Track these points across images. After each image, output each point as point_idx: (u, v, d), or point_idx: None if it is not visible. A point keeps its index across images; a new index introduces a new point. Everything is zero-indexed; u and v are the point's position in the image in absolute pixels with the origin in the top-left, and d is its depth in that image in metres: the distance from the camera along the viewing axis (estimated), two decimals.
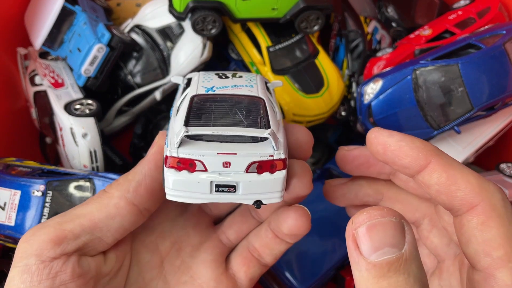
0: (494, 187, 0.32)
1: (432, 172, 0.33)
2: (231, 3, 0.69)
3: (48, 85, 0.72)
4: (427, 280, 0.27)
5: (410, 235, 0.27)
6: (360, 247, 0.27)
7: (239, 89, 0.39)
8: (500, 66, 0.63)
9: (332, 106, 0.77)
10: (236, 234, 0.46)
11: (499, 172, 0.73)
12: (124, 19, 0.82)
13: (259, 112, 0.36)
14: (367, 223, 0.27)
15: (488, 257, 0.29)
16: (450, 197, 0.32)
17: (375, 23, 0.85)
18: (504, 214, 0.30)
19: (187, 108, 0.36)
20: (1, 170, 0.62)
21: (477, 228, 0.30)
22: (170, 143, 0.34)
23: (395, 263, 0.26)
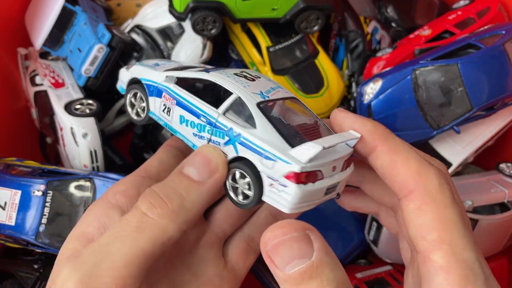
0: (433, 172, 0.33)
1: (377, 156, 0.35)
2: (231, 3, 0.69)
3: (49, 85, 0.72)
4: (345, 277, 0.29)
5: (318, 242, 0.29)
6: (274, 262, 0.29)
7: (278, 92, 0.40)
8: (500, 66, 0.63)
9: (332, 106, 0.77)
10: (232, 227, 0.45)
11: (498, 172, 0.73)
12: (125, 19, 0.82)
13: (313, 114, 0.40)
14: (273, 242, 0.29)
15: (424, 240, 0.31)
16: (392, 182, 0.34)
17: (375, 23, 0.85)
18: (440, 199, 0.32)
19: (267, 119, 0.35)
20: (2, 170, 0.62)
21: (414, 213, 0.32)
22: (276, 158, 0.33)
23: (307, 271, 0.28)
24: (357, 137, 0.36)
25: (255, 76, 0.41)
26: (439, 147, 0.73)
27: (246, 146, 0.35)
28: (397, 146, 0.35)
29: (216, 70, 0.42)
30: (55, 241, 0.57)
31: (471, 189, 0.68)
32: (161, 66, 0.45)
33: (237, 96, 0.36)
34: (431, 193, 0.32)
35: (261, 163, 0.34)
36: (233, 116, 0.37)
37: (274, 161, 0.33)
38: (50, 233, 0.57)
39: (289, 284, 0.29)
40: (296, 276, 0.28)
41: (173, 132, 0.41)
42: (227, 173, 0.37)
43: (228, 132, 0.36)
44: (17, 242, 0.59)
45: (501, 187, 0.68)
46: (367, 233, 0.75)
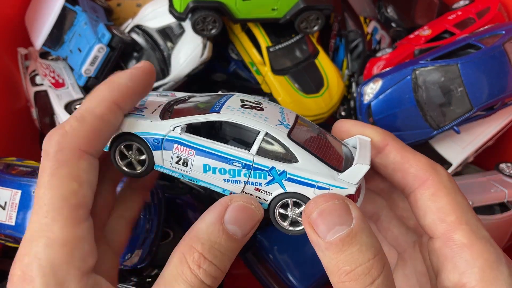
0: (440, 166, 0.37)
1: (389, 153, 0.38)
2: (231, 3, 0.69)
3: (49, 85, 0.72)
4: (379, 244, 0.32)
5: (355, 211, 0.32)
6: (316, 230, 0.32)
7: (287, 115, 0.40)
8: (500, 66, 0.63)
9: (332, 106, 0.77)
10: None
11: (498, 172, 0.73)
12: (125, 19, 0.82)
13: (314, 125, 0.42)
14: (316, 210, 0.32)
15: (444, 223, 0.34)
16: (404, 174, 0.37)
17: (374, 23, 0.85)
18: (451, 186, 0.35)
19: (304, 150, 0.35)
20: (2, 169, 0.62)
21: (430, 199, 0.35)
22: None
23: (347, 238, 0.30)
24: (369, 141, 0.39)
25: (257, 102, 0.39)
26: (439, 147, 0.73)
27: (294, 181, 0.35)
28: (405, 146, 0.38)
29: (195, 97, 0.41)
30: None
31: (471, 189, 0.68)
32: (148, 111, 0.40)
33: (265, 132, 0.36)
34: (442, 181, 0.35)
35: (314, 194, 0.35)
36: (268, 153, 0.36)
37: (328, 190, 0.34)
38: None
39: (330, 251, 0.31)
40: (337, 242, 0.30)
41: (193, 181, 0.38)
42: (277, 202, 0.37)
43: (270, 172, 0.35)
44: (17, 242, 0.59)
45: (501, 187, 0.68)
46: None
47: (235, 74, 0.85)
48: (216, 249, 0.33)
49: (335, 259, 0.31)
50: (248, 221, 0.35)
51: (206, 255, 0.33)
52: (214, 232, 0.33)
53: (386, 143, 0.38)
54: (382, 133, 0.39)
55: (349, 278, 0.30)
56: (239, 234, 0.34)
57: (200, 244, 0.33)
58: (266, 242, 0.74)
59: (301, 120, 0.40)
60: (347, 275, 0.30)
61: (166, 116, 0.38)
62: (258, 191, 0.36)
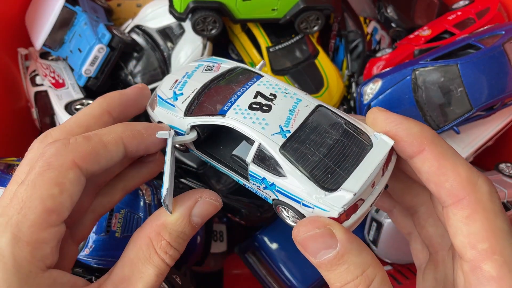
0: (483, 180, 0.33)
1: (424, 160, 0.34)
2: (231, 4, 0.69)
3: (49, 85, 0.72)
4: (371, 259, 0.32)
5: (340, 234, 0.32)
6: (306, 251, 0.33)
7: (298, 112, 0.38)
8: (499, 67, 0.63)
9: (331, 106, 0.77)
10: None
11: (498, 172, 0.73)
12: (125, 19, 0.82)
13: (341, 116, 0.40)
14: (301, 237, 0.33)
15: (474, 249, 0.31)
16: (439, 187, 0.33)
17: (374, 24, 0.85)
18: (490, 207, 0.32)
19: (294, 166, 0.35)
20: (2, 170, 0.62)
21: (462, 222, 0.32)
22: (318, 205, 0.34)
23: (334, 259, 0.32)
24: (391, 145, 0.35)
25: (271, 97, 0.39)
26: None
27: (283, 194, 0.36)
28: (445, 151, 0.34)
29: (235, 81, 0.41)
30: None
31: None
32: (180, 99, 0.42)
33: (259, 143, 0.36)
34: (481, 201, 0.32)
35: (301, 208, 0.35)
36: (261, 163, 0.36)
37: (312, 209, 0.34)
38: None
39: (321, 270, 0.33)
40: (326, 263, 0.32)
41: (215, 167, 0.42)
42: (275, 204, 0.38)
43: (262, 181, 0.37)
44: None
45: (501, 187, 0.68)
46: (366, 233, 0.75)
47: None
48: (181, 237, 0.37)
49: (327, 276, 0.33)
50: (210, 214, 0.39)
51: (172, 244, 0.37)
52: (182, 224, 0.37)
53: (423, 148, 0.34)
54: (420, 135, 0.34)
55: None
56: (200, 223, 0.38)
57: (168, 233, 0.37)
58: (266, 242, 0.74)
59: (322, 111, 0.38)
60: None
61: (191, 109, 0.41)
62: (260, 190, 0.39)
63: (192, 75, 0.45)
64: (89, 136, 0.36)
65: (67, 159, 0.34)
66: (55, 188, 0.33)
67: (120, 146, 0.37)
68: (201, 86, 0.43)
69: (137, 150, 0.39)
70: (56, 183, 0.33)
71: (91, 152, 0.35)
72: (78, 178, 0.35)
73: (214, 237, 0.81)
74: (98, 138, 0.36)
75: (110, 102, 0.41)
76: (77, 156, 0.35)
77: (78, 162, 0.35)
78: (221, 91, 0.42)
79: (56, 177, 0.33)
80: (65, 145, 0.35)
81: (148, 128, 0.39)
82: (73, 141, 0.36)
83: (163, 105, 0.42)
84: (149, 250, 0.36)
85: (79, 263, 0.58)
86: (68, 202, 0.34)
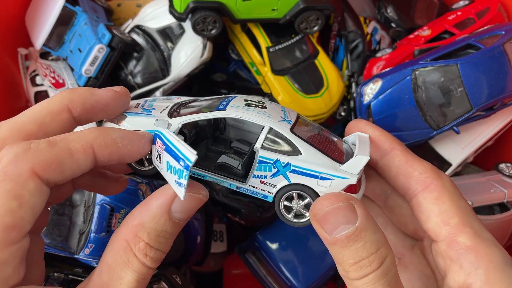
0: (443, 172, 0.38)
1: (395, 156, 0.39)
2: (231, 4, 0.69)
3: (49, 85, 0.72)
4: (384, 238, 0.33)
5: (360, 210, 0.33)
6: (323, 228, 0.33)
7: (289, 113, 0.41)
8: (499, 67, 0.63)
9: (331, 106, 0.77)
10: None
11: (498, 172, 0.73)
12: (125, 19, 0.82)
13: (314, 123, 0.43)
14: (322, 211, 0.33)
15: (447, 225, 0.35)
16: (408, 178, 0.38)
17: (374, 24, 0.85)
18: (453, 191, 0.36)
19: (306, 143, 0.37)
20: None
21: (433, 203, 0.36)
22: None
23: (352, 235, 0.32)
24: (367, 137, 0.40)
25: (259, 102, 0.41)
26: (439, 147, 0.73)
27: (298, 173, 0.36)
28: (409, 151, 0.39)
29: (211, 101, 0.41)
30: (55, 241, 0.57)
31: (471, 189, 0.68)
32: (156, 112, 0.41)
33: (269, 128, 0.37)
34: (446, 186, 0.36)
35: (318, 184, 0.36)
36: (272, 146, 0.37)
37: (331, 180, 0.36)
38: (50, 233, 0.57)
39: (336, 246, 0.33)
40: (343, 239, 0.32)
41: (200, 176, 0.40)
42: (282, 194, 0.38)
43: (275, 164, 0.37)
44: None
45: (501, 187, 0.69)
46: None
47: (235, 74, 0.85)
48: (161, 236, 0.34)
49: (341, 253, 0.33)
50: (194, 209, 0.36)
51: (152, 244, 0.34)
52: (160, 222, 0.34)
53: (393, 146, 0.39)
54: (390, 137, 0.40)
55: (353, 269, 0.33)
56: (184, 219, 0.35)
57: (146, 233, 0.34)
58: (266, 242, 0.74)
59: (301, 119, 0.41)
60: (351, 266, 0.33)
61: (174, 115, 0.39)
62: (263, 184, 0.38)
63: (154, 100, 0.43)
64: (54, 141, 0.33)
65: (25, 168, 0.31)
66: (14, 202, 0.30)
67: (89, 155, 0.34)
68: (173, 104, 0.42)
69: (109, 160, 0.35)
70: (14, 195, 0.30)
71: (54, 160, 0.32)
72: (39, 188, 0.31)
73: (214, 237, 0.81)
74: (64, 145, 0.33)
75: (74, 99, 0.36)
76: (37, 164, 0.31)
77: (38, 171, 0.31)
78: (202, 104, 0.41)
79: (13, 189, 0.30)
80: (24, 150, 0.31)
81: (124, 137, 0.36)
82: (35, 146, 0.32)
83: (135, 115, 0.39)
84: (127, 254, 0.33)
85: (79, 263, 0.58)
86: (29, 215, 0.31)
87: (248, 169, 0.38)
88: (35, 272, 0.36)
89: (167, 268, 0.62)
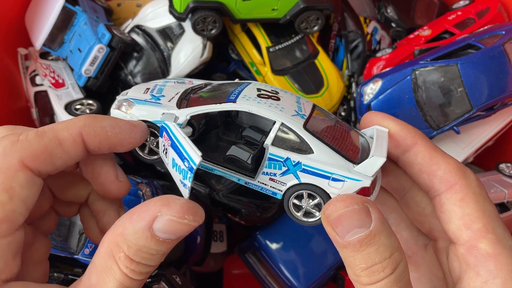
0: (469, 170, 0.36)
1: (418, 152, 0.37)
2: (231, 4, 0.69)
3: (49, 85, 0.72)
4: (397, 242, 0.32)
5: (375, 213, 0.32)
6: (336, 230, 0.32)
7: (303, 104, 0.39)
8: (500, 67, 0.63)
9: (331, 106, 0.77)
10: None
11: (498, 172, 0.73)
12: (125, 19, 0.82)
13: (331, 114, 0.41)
14: (336, 214, 0.32)
15: (469, 230, 0.33)
16: (432, 176, 0.36)
17: (374, 24, 0.85)
18: (479, 192, 0.35)
19: (320, 141, 0.35)
20: None
21: (456, 205, 0.34)
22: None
23: (365, 239, 0.31)
24: (387, 131, 0.37)
25: (273, 92, 0.39)
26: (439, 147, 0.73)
27: (309, 173, 0.35)
28: (433, 145, 0.37)
29: (222, 88, 0.40)
30: (55, 241, 0.57)
31: None
32: (165, 99, 0.39)
33: (281, 123, 0.35)
34: (471, 186, 0.35)
35: (329, 186, 0.35)
36: (283, 144, 0.35)
37: (343, 181, 0.34)
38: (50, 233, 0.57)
39: (349, 249, 0.31)
40: (355, 243, 0.31)
41: (209, 169, 0.39)
42: (291, 193, 0.36)
43: (285, 162, 0.35)
44: None
45: (501, 187, 0.69)
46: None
47: (235, 74, 0.85)
48: (144, 252, 0.31)
49: (353, 257, 0.32)
50: (181, 231, 0.32)
51: (132, 257, 0.31)
52: (141, 238, 0.31)
53: (416, 142, 0.37)
54: (413, 131, 0.37)
55: (365, 273, 0.31)
56: (172, 238, 0.32)
57: (126, 246, 0.31)
58: (266, 242, 0.74)
59: (318, 109, 0.39)
60: (362, 271, 0.31)
61: (183, 104, 0.38)
62: (272, 181, 0.37)
63: (165, 84, 0.43)
64: (43, 131, 0.32)
65: (14, 160, 0.31)
66: (3, 195, 0.30)
67: (78, 144, 0.33)
68: (183, 91, 0.41)
69: (99, 149, 0.35)
70: (4, 188, 0.30)
71: (43, 151, 0.32)
72: (30, 180, 0.31)
73: (214, 237, 0.81)
74: (52, 135, 0.32)
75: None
76: (25, 156, 0.31)
77: (28, 163, 0.31)
78: (213, 92, 0.40)
79: (3, 182, 0.30)
80: (13, 143, 0.31)
81: (115, 126, 0.35)
82: (23, 138, 0.32)
83: (143, 103, 0.39)
84: (110, 261, 0.32)
85: (79, 263, 0.58)
86: (21, 207, 0.31)
87: (258, 163, 0.36)
88: (38, 272, 0.36)
89: (167, 268, 0.62)
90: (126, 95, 0.42)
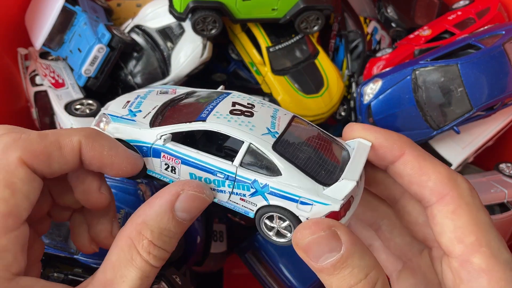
0: (461, 178, 0.34)
1: (406, 162, 0.35)
2: (231, 4, 0.69)
3: (49, 85, 0.72)
4: (373, 261, 0.31)
5: (345, 236, 0.31)
6: (308, 256, 0.32)
7: (279, 118, 0.38)
8: (500, 67, 0.63)
9: (331, 106, 0.77)
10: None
11: (498, 172, 0.73)
12: (125, 19, 0.82)
13: (313, 125, 0.41)
14: (304, 241, 0.32)
15: (462, 244, 0.32)
16: (421, 187, 0.34)
17: (374, 24, 0.85)
18: (472, 202, 0.33)
19: (289, 162, 0.34)
20: None
21: (448, 217, 0.33)
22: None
23: (337, 263, 0.31)
24: (369, 145, 0.36)
25: (249, 106, 0.38)
26: (439, 147, 0.73)
27: (277, 195, 0.34)
28: (423, 153, 0.35)
29: (192, 96, 0.40)
30: (55, 241, 0.57)
31: None
32: (140, 115, 0.40)
33: (249, 143, 0.35)
34: (463, 196, 0.33)
35: (298, 209, 0.34)
36: (251, 165, 0.35)
37: (311, 205, 0.33)
38: (50, 233, 0.57)
39: (323, 274, 0.31)
40: (329, 267, 0.31)
41: None
42: (262, 213, 0.36)
43: (253, 184, 0.35)
44: None
45: (501, 187, 0.68)
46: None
47: (235, 74, 0.85)
48: (165, 235, 0.34)
49: (329, 280, 0.31)
50: (198, 209, 0.35)
51: (155, 242, 0.33)
52: (163, 220, 0.33)
53: (403, 151, 0.35)
54: (399, 140, 0.36)
55: None
56: (188, 219, 0.35)
57: (150, 231, 0.33)
58: (266, 242, 0.74)
59: (297, 121, 0.39)
60: None
61: (156, 122, 0.38)
62: (243, 201, 0.36)
63: (146, 96, 0.43)
64: (45, 133, 0.33)
65: (14, 156, 0.31)
66: (6, 190, 0.31)
67: (76, 152, 0.34)
68: (161, 104, 0.41)
69: (90, 163, 0.35)
70: (6, 184, 0.31)
71: (42, 151, 0.32)
72: (29, 176, 0.32)
73: (214, 237, 0.81)
74: (54, 138, 0.33)
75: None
76: (25, 153, 0.32)
77: (27, 160, 0.32)
78: (189, 106, 0.40)
79: (4, 177, 0.31)
80: (14, 140, 0.32)
81: (113, 148, 0.36)
82: (25, 136, 0.32)
83: (118, 121, 0.39)
84: (131, 252, 0.33)
85: (78, 263, 0.58)
86: (24, 202, 0.32)
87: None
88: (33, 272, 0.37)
89: (167, 268, 0.62)
90: (107, 109, 0.42)
